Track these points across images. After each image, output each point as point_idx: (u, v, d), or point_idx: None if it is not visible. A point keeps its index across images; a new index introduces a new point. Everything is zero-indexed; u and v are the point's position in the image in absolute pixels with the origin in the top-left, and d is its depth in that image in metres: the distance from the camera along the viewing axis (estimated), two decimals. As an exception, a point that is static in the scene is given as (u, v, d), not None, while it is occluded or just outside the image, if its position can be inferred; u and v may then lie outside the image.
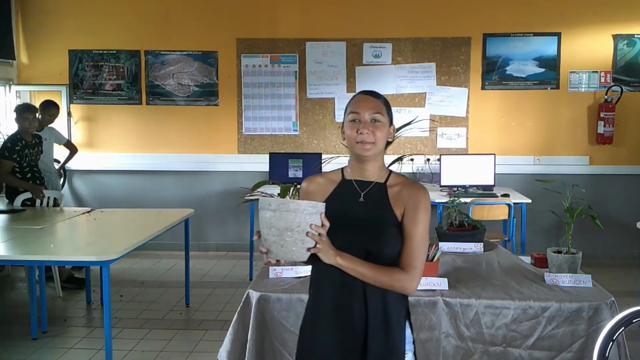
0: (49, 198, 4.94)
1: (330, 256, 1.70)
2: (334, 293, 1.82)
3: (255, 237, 1.71)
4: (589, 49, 6.06)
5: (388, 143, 1.91)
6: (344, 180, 1.91)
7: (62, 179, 6.33)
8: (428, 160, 6.17)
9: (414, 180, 1.98)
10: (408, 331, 1.92)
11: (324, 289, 1.84)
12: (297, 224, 1.64)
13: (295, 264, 2.76)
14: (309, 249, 1.67)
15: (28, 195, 4.85)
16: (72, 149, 6.04)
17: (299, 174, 5.70)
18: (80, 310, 4.71)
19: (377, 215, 1.83)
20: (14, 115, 5.06)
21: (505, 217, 5.02)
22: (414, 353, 1.93)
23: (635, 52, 6.05)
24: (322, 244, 1.67)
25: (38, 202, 4.88)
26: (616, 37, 6.03)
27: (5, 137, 6.12)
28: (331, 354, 1.83)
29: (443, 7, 6.13)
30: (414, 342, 1.93)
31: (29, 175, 4.98)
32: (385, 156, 1.95)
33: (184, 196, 6.40)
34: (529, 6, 6.06)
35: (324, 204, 1.66)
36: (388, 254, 1.80)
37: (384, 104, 1.87)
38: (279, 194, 3.59)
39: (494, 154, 5.64)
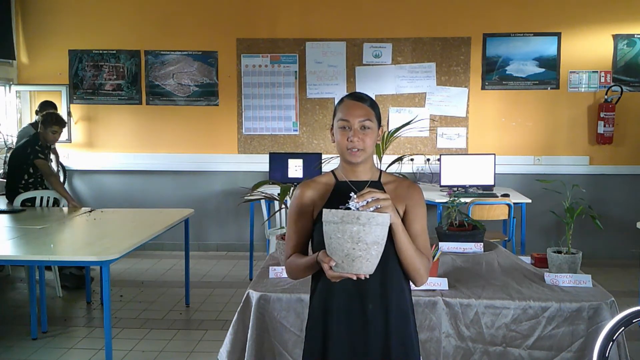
0: (49, 198, 4.94)
1: None
2: (345, 299, 1.81)
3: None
4: (589, 49, 6.06)
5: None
6: (338, 182, 1.92)
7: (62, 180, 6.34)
8: (428, 160, 6.16)
9: (405, 178, 2.00)
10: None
11: (334, 298, 1.83)
12: (382, 237, 1.58)
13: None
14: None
15: (28, 195, 4.84)
16: (57, 154, 6.13)
17: (299, 174, 5.70)
18: (80, 310, 4.72)
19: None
20: (40, 118, 4.96)
21: (505, 217, 5.02)
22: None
23: (635, 52, 6.05)
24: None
25: (38, 201, 4.88)
26: (616, 37, 6.03)
27: (6, 136, 6.16)
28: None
29: (443, 7, 6.13)
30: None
31: (40, 179, 4.96)
32: (385, 156, 1.95)
33: (183, 196, 6.40)
34: (529, 6, 6.06)
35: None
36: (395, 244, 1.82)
37: (372, 108, 1.87)
38: (279, 194, 3.59)
39: (494, 154, 5.64)
